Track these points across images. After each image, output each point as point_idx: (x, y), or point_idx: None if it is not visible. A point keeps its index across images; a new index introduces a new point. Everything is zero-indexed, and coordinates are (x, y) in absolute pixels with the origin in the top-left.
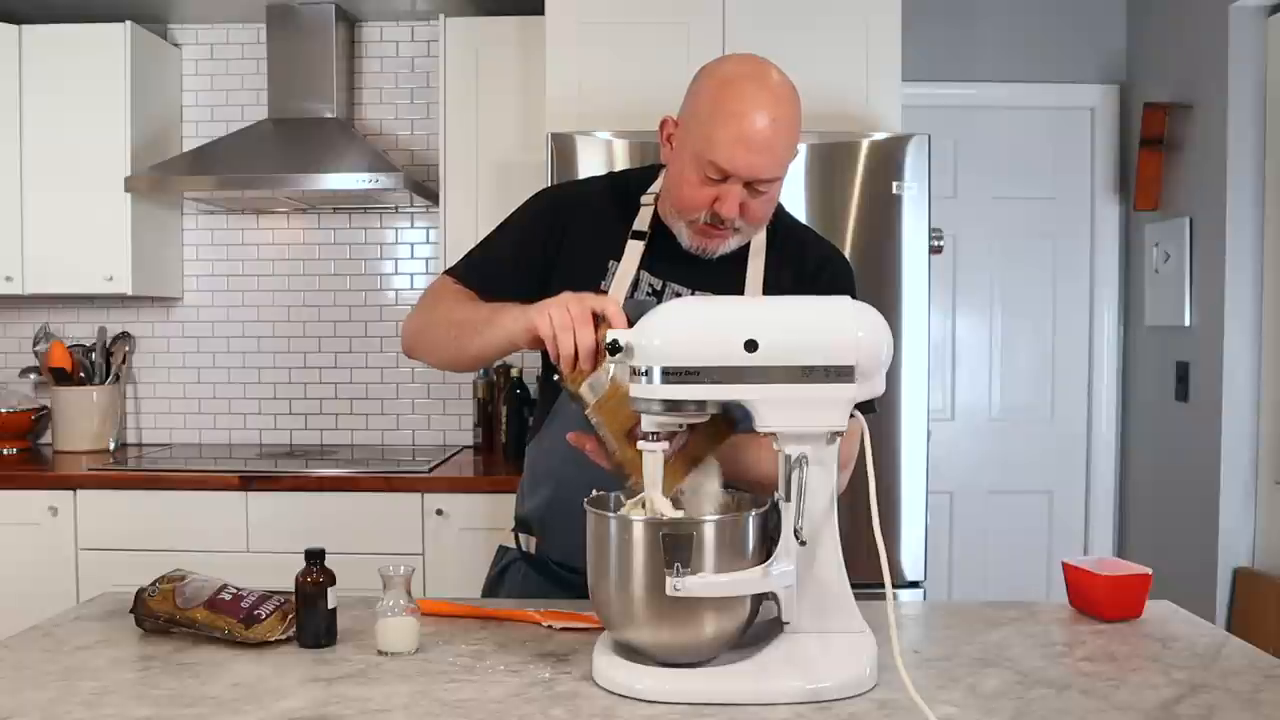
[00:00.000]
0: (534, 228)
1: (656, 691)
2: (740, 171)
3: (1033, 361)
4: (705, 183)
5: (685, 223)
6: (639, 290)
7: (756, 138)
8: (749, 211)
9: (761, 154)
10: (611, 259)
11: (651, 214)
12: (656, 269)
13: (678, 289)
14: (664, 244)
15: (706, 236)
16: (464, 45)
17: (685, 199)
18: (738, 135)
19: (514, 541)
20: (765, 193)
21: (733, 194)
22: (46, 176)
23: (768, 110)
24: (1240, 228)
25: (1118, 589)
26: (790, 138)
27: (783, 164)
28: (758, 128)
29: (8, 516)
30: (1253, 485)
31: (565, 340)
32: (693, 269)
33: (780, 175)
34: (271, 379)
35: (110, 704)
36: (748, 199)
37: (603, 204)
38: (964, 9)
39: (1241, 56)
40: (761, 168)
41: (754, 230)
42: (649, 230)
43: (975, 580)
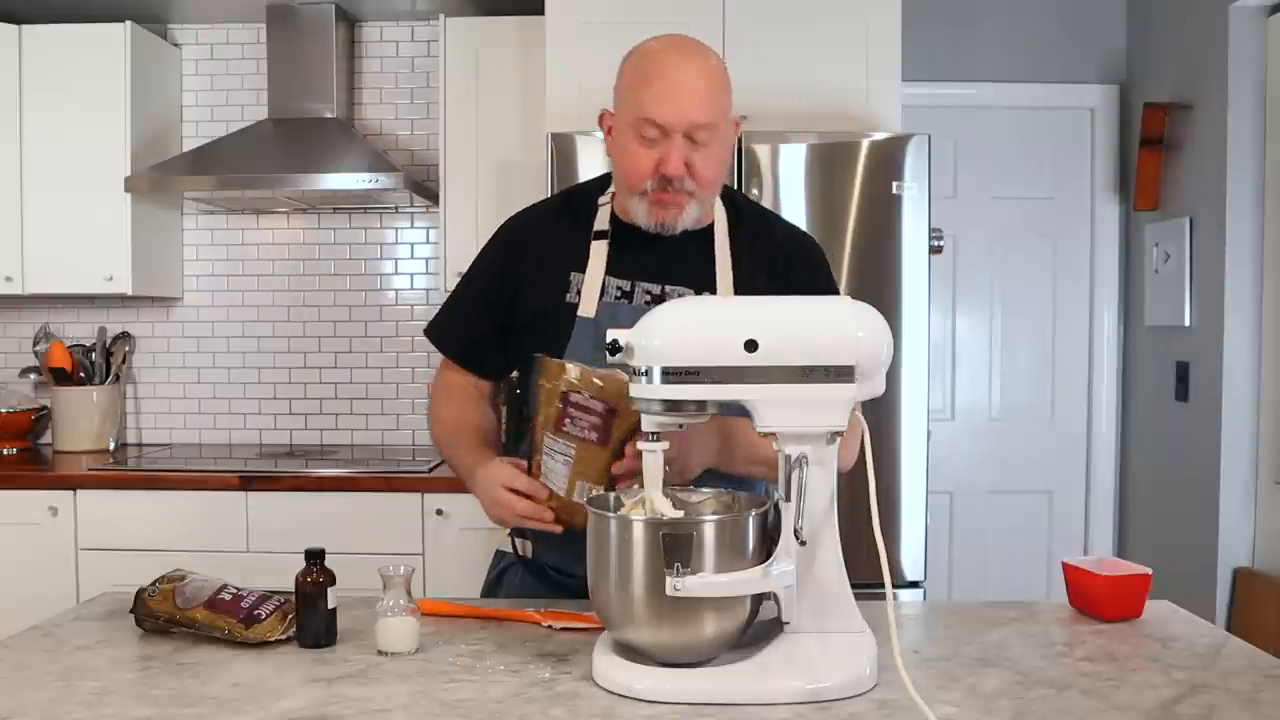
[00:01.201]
0: (490, 267)
1: (656, 691)
2: (672, 119)
3: (1033, 361)
4: (645, 145)
5: (639, 200)
6: (606, 294)
7: (682, 85)
8: (695, 169)
9: (688, 98)
10: (573, 270)
11: (610, 214)
12: (622, 270)
13: (646, 286)
14: (627, 244)
15: (662, 207)
16: (464, 45)
17: (631, 170)
18: (663, 87)
19: (510, 546)
20: (705, 145)
21: (674, 149)
22: (46, 176)
23: (690, 63)
24: (1240, 227)
25: (1118, 589)
26: (716, 87)
27: (713, 110)
28: (682, 77)
29: (8, 516)
30: (1253, 485)
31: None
32: (660, 264)
33: (714, 121)
34: (271, 379)
35: (110, 704)
36: (691, 155)
37: (557, 219)
38: (964, 9)
39: (1241, 56)
40: (691, 110)
41: (708, 195)
42: (609, 229)
43: (975, 580)
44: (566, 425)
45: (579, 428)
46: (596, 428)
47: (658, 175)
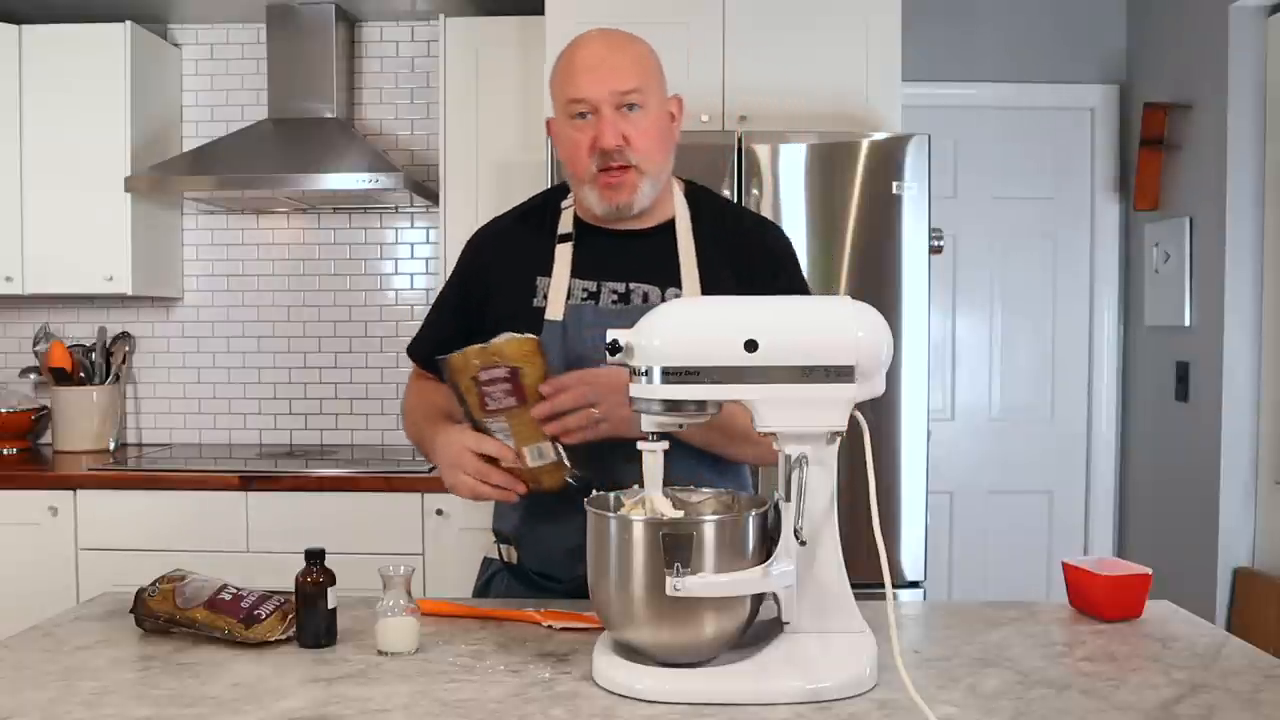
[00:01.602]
0: (459, 278)
1: (656, 691)
2: (594, 90)
3: (1033, 361)
4: (579, 128)
5: (590, 188)
6: (573, 296)
7: (600, 57)
8: (632, 140)
9: (603, 66)
10: (539, 275)
11: (572, 217)
12: (587, 272)
13: (612, 286)
14: (591, 245)
15: (611, 189)
16: (464, 45)
17: (573, 156)
18: (582, 63)
19: (496, 553)
20: (639, 114)
21: (605, 122)
22: (46, 176)
23: (605, 38)
24: (1240, 228)
25: (1118, 589)
26: (638, 58)
27: (636, 76)
28: (598, 49)
29: (8, 516)
30: (1253, 485)
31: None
32: (624, 263)
33: (638, 87)
34: (271, 379)
35: (110, 704)
36: (624, 127)
37: (522, 226)
38: (964, 9)
39: (1241, 56)
40: (611, 78)
41: (654, 170)
42: (573, 232)
43: (975, 580)
44: (489, 404)
45: (498, 400)
46: (510, 391)
47: (596, 151)
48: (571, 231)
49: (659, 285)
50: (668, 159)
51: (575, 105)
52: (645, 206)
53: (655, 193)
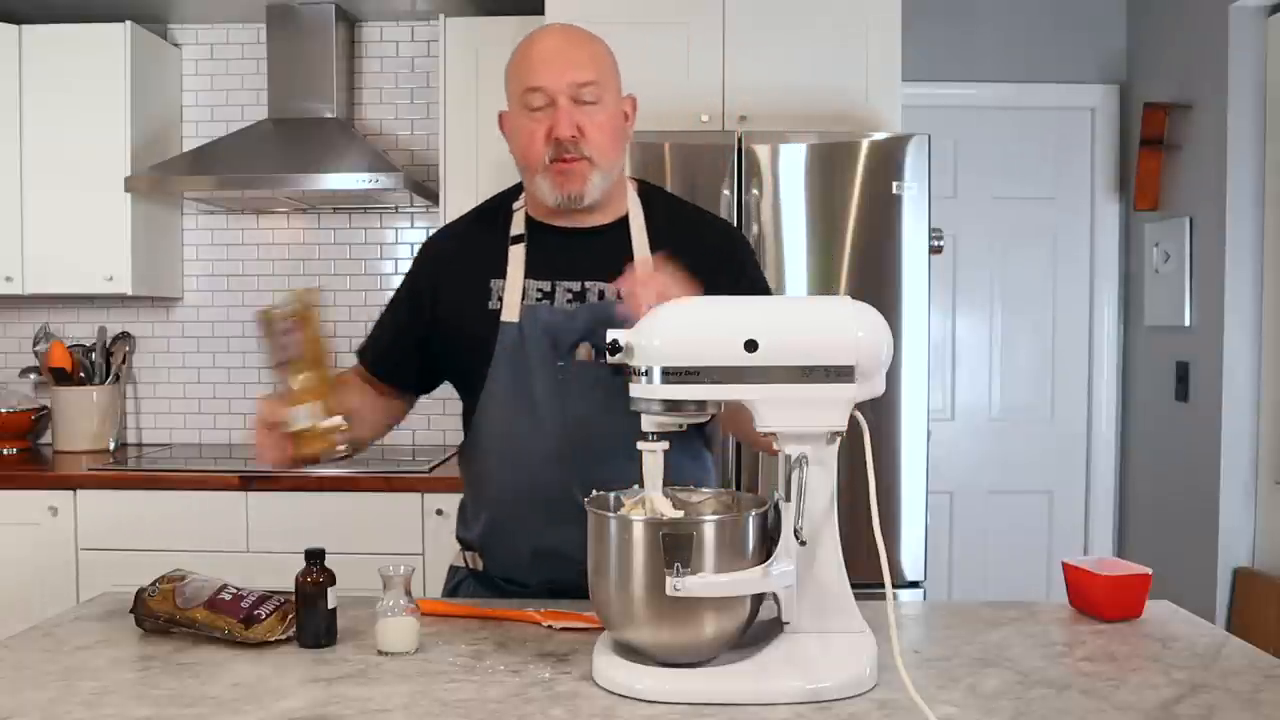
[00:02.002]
0: (410, 285)
1: (656, 691)
2: (550, 80)
3: (1033, 361)
4: (535, 118)
5: (542, 178)
6: (528, 297)
7: (557, 48)
8: (586, 132)
9: (561, 58)
10: (493, 278)
11: (524, 219)
12: (541, 272)
13: (567, 285)
14: (543, 246)
15: (564, 176)
16: (464, 45)
17: (527, 146)
18: (539, 53)
19: (462, 560)
20: (593, 107)
21: (561, 113)
22: (46, 176)
23: (563, 31)
24: (1240, 228)
25: (1118, 589)
26: (594, 52)
27: (592, 68)
28: (556, 42)
29: (8, 516)
30: (1253, 485)
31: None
32: (577, 262)
33: (595, 80)
34: (271, 379)
35: (110, 704)
36: (579, 119)
37: (475, 230)
38: (964, 9)
39: (1241, 56)
40: (568, 69)
41: (606, 164)
42: (525, 233)
43: (975, 580)
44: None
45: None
46: (290, 345)
47: (551, 142)
48: (523, 232)
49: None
50: (620, 155)
51: (531, 95)
52: (596, 199)
53: (606, 186)
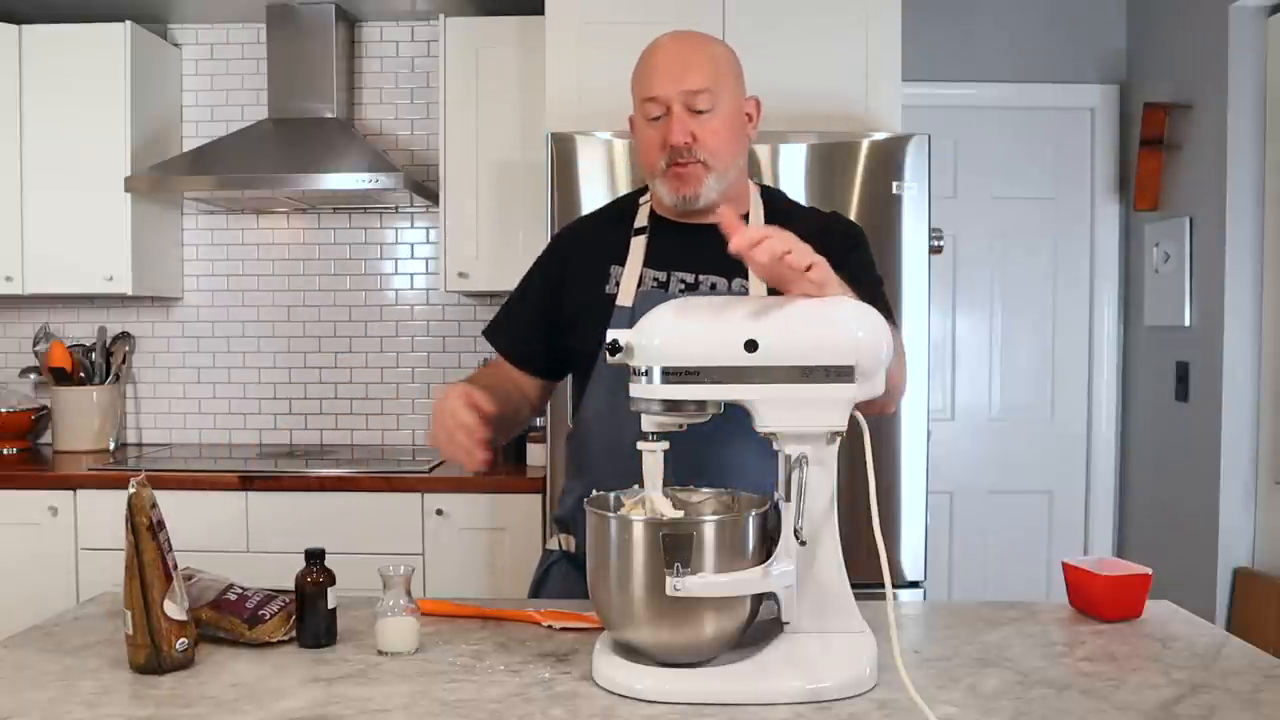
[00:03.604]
0: (541, 270)
1: (656, 691)
2: (664, 89)
3: (1033, 361)
4: (651, 126)
5: (661, 182)
6: (644, 284)
7: (672, 56)
8: (700, 138)
9: (678, 66)
10: (614, 264)
11: (649, 212)
12: (659, 262)
13: (681, 275)
14: (665, 239)
15: (679, 180)
16: (464, 45)
17: (646, 152)
18: (656, 63)
19: (556, 543)
20: (708, 114)
21: (675, 120)
22: (46, 176)
23: (681, 39)
24: (1240, 228)
25: (1118, 589)
26: (711, 57)
27: (706, 76)
28: (672, 49)
29: (8, 516)
30: (1253, 485)
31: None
32: (694, 254)
33: (708, 87)
34: (271, 379)
35: (110, 704)
36: (693, 125)
37: (604, 222)
38: (964, 9)
39: (1241, 56)
40: (682, 77)
41: (722, 166)
42: (648, 225)
43: (975, 580)
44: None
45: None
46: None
47: (667, 149)
48: (646, 225)
49: (726, 276)
50: (737, 157)
51: (649, 105)
52: (712, 200)
53: (722, 187)
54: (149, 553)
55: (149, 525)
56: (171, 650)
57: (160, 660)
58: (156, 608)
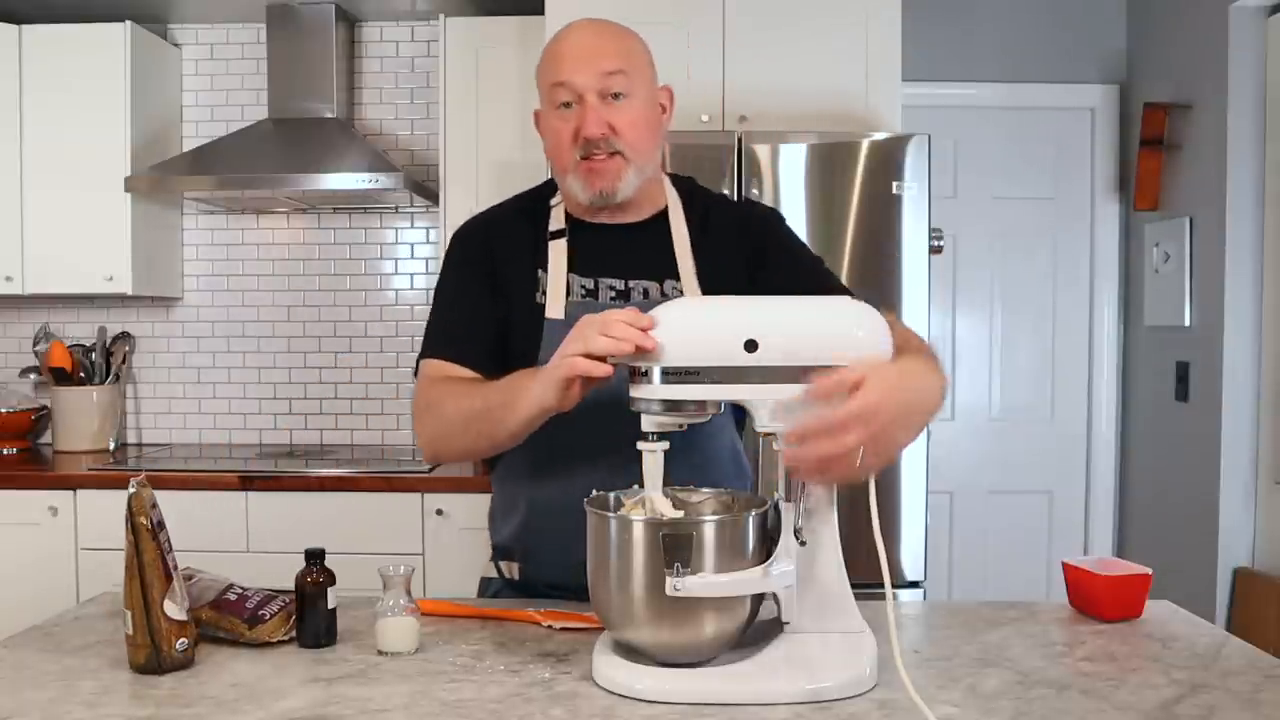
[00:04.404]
0: (469, 264)
1: (656, 691)
2: (576, 75)
3: (1033, 361)
4: (563, 117)
5: (574, 178)
6: (572, 293)
7: (584, 42)
8: (617, 128)
9: (587, 51)
10: (539, 268)
11: (563, 214)
12: (584, 269)
13: (610, 283)
14: (585, 243)
15: (595, 174)
16: (464, 45)
17: (557, 145)
18: (565, 48)
19: (495, 571)
20: (624, 100)
21: (589, 110)
22: (46, 176)
23: (591, 25)
24: (1240, 228)
25: (1118, 589)
26: (623, 43)
27: (620, 59)
28: (583, 35)
29: (8, 516)
30: (1253, 485)
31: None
32: (620, 259)
33: (623, 70)
34: (271, 379)
35: (110, 704)
36: (609, 115)
37: (515, 219)
38: (964, 9)
39: (1241, 56)
40: (595, 61)
41: (641, 159)
42: (565, 228)
43: (975, 580)
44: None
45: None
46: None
47: (580, 142)
48: (564, 227)
49: (657, 279)
50: (655, 149)
51: (559, 91)
52: (629, 195)
53: (640, 182)
54: (149, 553)
55: (149, 525)
56: (171, 650)
57: (160, 660)
58: (156, 608)
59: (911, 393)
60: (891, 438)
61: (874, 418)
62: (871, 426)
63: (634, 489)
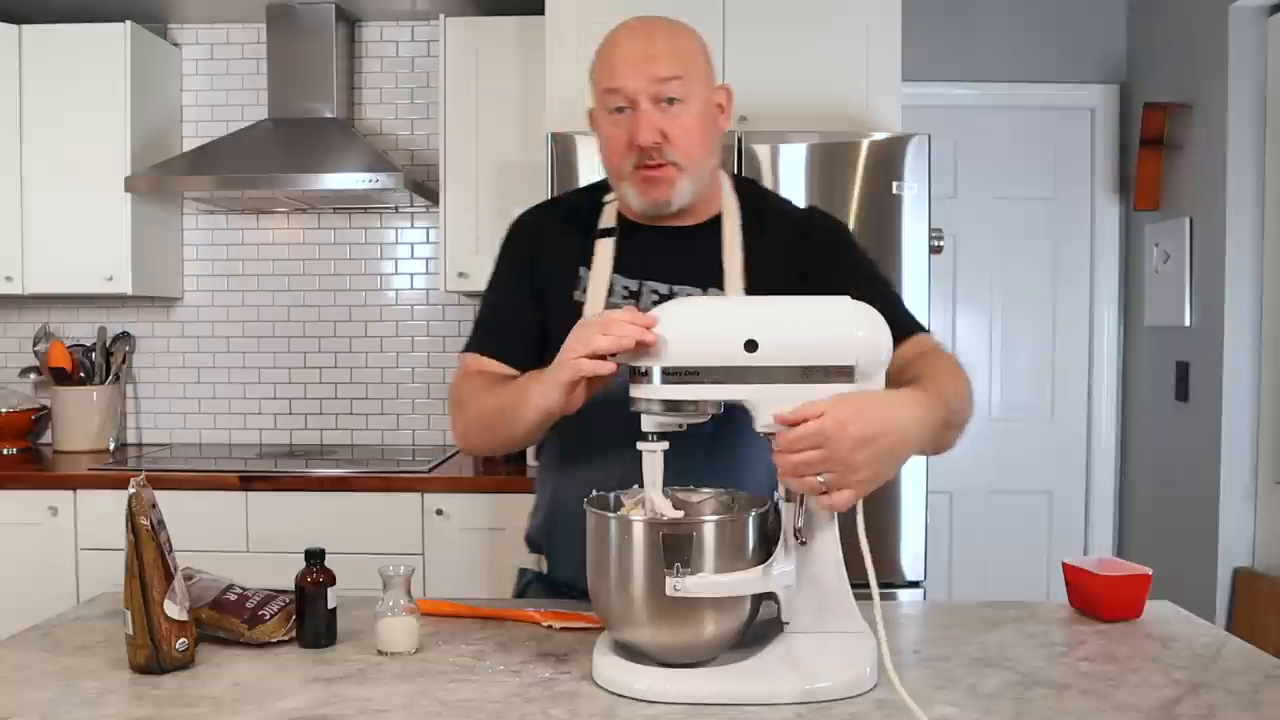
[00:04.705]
0: (515, 259)
1: (656, 691)
2: (629, 80)
3: (1033, 361)
4: (617, 122)
5: (629, 186)
6: (614, 294)
7: (637, 47)
8: (671, 137)
9: (641, 55)
10: (582, 266)
11: (615, 212)
12: (629, 270)
13: (654, 287)
14: (635, 243)
15: (649, 184)
16: (464, 45)
17: (611, 153)
18: (619, 53)
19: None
20: (679, 107)
21: (642, 117)
22: (46, 176)
23: (645, 26)
24: (1240, 228)
25: (1118, 589)
26: (679, 46)
27: (675, 64)
28: (636, 39)
29: (8, 516)
30: (1253, 485)
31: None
32: (668, 263)
33: (678, 75)
34: (271, 379)
35: (110, 704)
36: (663, 122)
37: (566, 216)
38: (964, 9)
39: (1241, 56)
40: (649, 66)
41: (696, 167)
42: (616, 227)
43: (975, 580)
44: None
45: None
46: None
47: (634, 150)
48: (614, 226)
49: (701, 287)
50: (710, 155)
51: (611, 97)
52: (685, 204)
53: (696, 189)
54: (149, 553)
55: (149, 525)
56: (171, 650)
57: (160, 660)
58: (156, 608)
59: (876, 423)
60: (850, 464)
61: (826, 441)
62: (824, 450)
63: (634, 489)
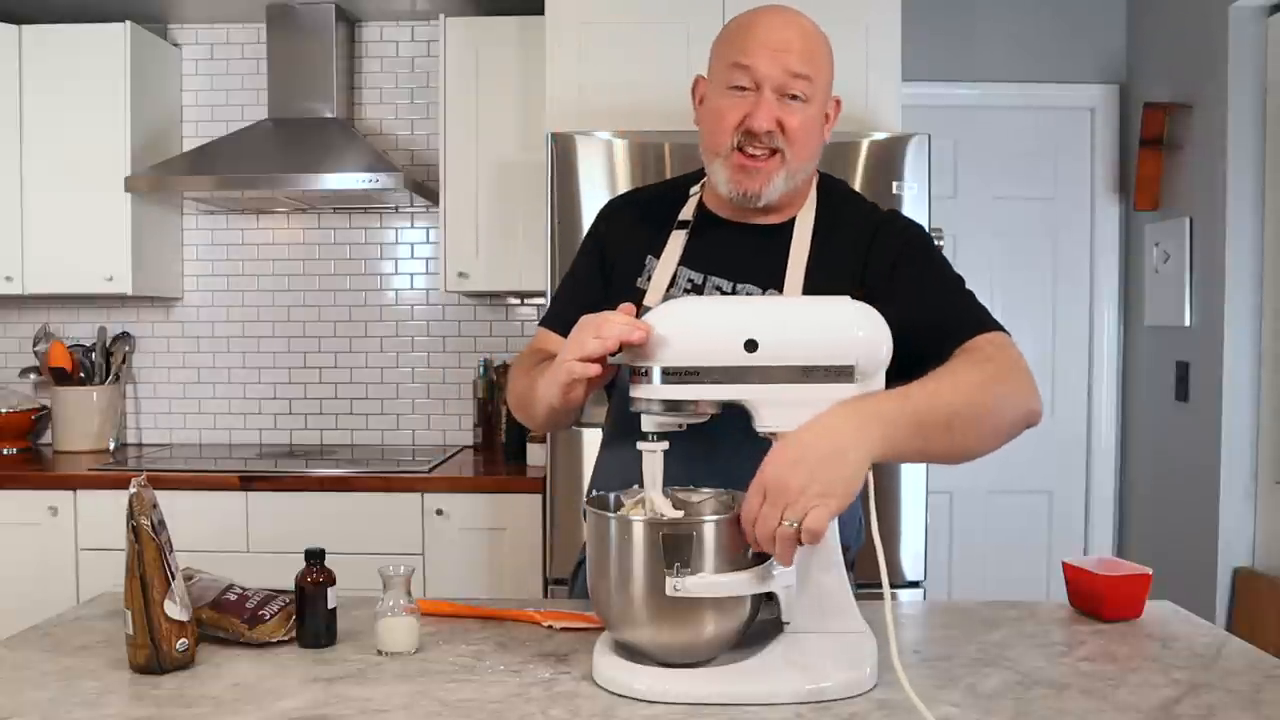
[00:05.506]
0: (589, 242)
1: (656, 691)
2: (762, 63)
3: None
4: (732, 98)
5: (722, 164)
6: (676, 286)
7: (772, 29)
8: (787, 128)
9: (780, 43)
10: (651, 255)
11: (697, 204)
12: (697, 263)
13: (718, 282)
14: (708, 237)
15: (745, 172)
16: (464, 45)
17: (717, 124)
18: (760, 34)
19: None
20: (800, 104)
21: (764, 103)
22: (46, 176)
23: (791, 18)
24: (1240, 228)
25: (1118, 589)
26: (816, 46)
27: (809, 64)
28: (780, 25)
29: (8, 516)
30: (1253, 485)
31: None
32: (736, 259)
33: (809, 75)
34: (271, 379)
35: (110, 704)
36: (782, 112)
37: (648, 203)
38: (964, 9)
39: (1241, 56)
40: (783, 56)
41: (798, 163)
42: (693, 219)
43: (975, 580)
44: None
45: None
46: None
47: (743, 129)
48: (691, 219)
49: (762, 287)
50: (813, 158)
51: (737, 73)
52: (773, 201)
53: (789, 188)
54: (149, 553)
55: (149, 525)
56: (171, 650)
57: (160, 660)
58: (156, 608)
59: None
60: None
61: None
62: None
63: (634, 489)
